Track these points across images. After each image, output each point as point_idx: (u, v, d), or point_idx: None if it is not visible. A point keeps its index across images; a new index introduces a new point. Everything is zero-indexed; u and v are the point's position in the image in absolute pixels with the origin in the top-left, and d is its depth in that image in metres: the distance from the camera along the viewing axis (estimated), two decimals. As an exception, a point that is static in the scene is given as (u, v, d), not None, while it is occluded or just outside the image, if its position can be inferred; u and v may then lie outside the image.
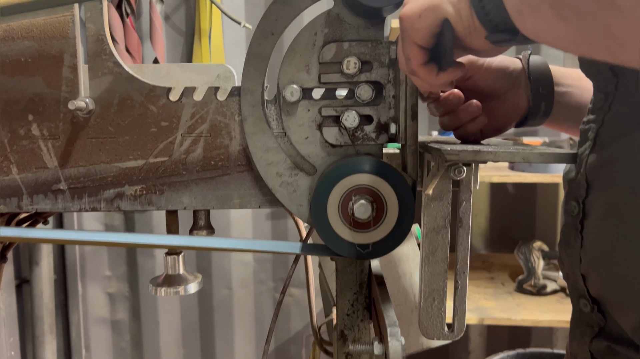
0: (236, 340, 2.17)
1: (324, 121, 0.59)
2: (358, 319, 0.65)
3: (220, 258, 2.12)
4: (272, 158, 0.59)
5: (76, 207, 0.61)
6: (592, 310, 0.58)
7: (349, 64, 0.57)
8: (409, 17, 0.49)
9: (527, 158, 0.55)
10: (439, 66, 0.50)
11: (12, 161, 0.60)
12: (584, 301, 0.59)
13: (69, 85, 0.59)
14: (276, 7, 0.57)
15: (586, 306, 0.59)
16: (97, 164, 0.60)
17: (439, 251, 0.60)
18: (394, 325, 0.52)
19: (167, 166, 0.60)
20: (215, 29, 1.94)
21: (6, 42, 0.59)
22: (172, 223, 0.74)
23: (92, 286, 2.14)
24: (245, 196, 0.61)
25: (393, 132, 0.60)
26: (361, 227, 0.56)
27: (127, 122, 0.60)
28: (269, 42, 0.57)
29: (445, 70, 0.50)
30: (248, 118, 0.58)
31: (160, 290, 0.75)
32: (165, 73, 0.79)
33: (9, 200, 0.61)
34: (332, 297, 1.11)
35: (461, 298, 0.62)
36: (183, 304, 2.15)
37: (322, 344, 0.92)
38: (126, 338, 2.19)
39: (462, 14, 0.47)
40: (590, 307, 0.58)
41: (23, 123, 0.60)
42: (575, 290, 0.60)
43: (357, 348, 0.59)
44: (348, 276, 0.64)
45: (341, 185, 0.56)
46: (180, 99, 0.60)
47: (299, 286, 2.08)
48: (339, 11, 0.57)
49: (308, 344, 2.16)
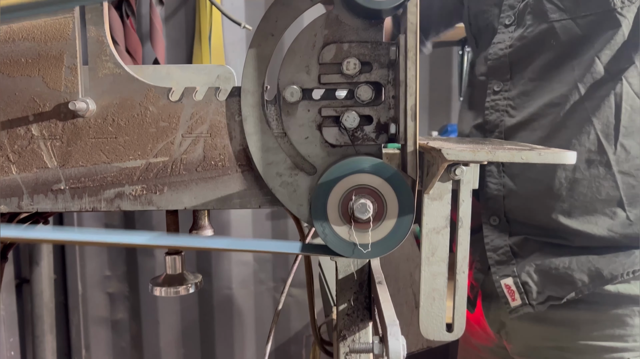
0: (236, 340, 2.17)
1: (324, 121, 0.59)
2: (358, 319, 0.65)
3: (220, 258, 2.12)
4: (272, 158, 0.59)
5: (76, 207, 0.61)
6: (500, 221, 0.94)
7: (349, 65, 0.57)
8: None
9: (527, 158, 0.55)
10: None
11: (13, 161, 0.60)
12: (494, 218, 0.94)
13: (69, 85, 0.59)
14: (276, 8, 0.57)
15: (495, 220, 0.94)
16: (97, 164, 0.60)
17: (439, 251, 0.61)
18: (394, 325, 0.52)
19: (167, 166, 0.60)
20: (215, 30, 1.94)
21: (7, 43, 0.59)
22: (172, 223, 0.74)
23: (92, 286, 2.15)
24: (245, 196, 0.61)
25: (393, 132, 0.60)
26: (361, 227, 0.56)
27: (127, 123, 0.60)
28: (269, 43, 0.57)
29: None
30: (248, 119, 0.59)
31: (160, 289, 0.75)
32: (165, 74, 0.79)
33: (10, 200, 0.61)
34: (332, 297, 1.11)
35: (461, 298, 0.62)
36: (183, 304, 2.15)
37: (322, 344, 0.92)
38: (126, 338, 2.19)
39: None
40: (499, 220, 0.94)
41: (23, 124, 0.60)
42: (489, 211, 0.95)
43: (357, 348, 0.59)
44: (348, 276, 0.65)
45: (341, 185, 0.56)
46: (180, 100, 0.60)
47: (299, 286, 2.08)
48: (339, 12, 0.57)
49: (308, 344, 2.17)
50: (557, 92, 0.88)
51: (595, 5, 0.84)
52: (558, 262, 0.90)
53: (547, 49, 0.89)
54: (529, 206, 0.91)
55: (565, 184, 0.88)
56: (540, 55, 0.90)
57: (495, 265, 0.94)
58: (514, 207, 0.93)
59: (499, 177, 0.93)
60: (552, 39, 0.88)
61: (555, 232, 0.90)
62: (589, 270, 0.88)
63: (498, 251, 0.94)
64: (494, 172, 0.93)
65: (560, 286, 0.89)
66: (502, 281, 0.93)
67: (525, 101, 0.92)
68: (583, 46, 0.87)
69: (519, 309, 0.92)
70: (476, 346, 1.11)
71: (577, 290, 0.88)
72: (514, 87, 0.93)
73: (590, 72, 0.86)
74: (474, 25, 1.03)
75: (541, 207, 0.90)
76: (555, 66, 0.89)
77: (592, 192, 0.87)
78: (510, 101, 0.93)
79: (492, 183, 0.94)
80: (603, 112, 0.86)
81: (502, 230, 0.94)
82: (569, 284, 0.89)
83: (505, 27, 0.94)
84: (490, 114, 0.95)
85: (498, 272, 0.94)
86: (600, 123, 0.86)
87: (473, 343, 1.12)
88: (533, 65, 0.91)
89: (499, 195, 0.93)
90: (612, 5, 0.84)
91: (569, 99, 0.87)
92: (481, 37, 1.01)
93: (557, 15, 0.87)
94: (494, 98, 0.95)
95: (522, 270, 0.92)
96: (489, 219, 0.95)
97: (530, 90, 0.91)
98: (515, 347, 0.98)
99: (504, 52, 0.93)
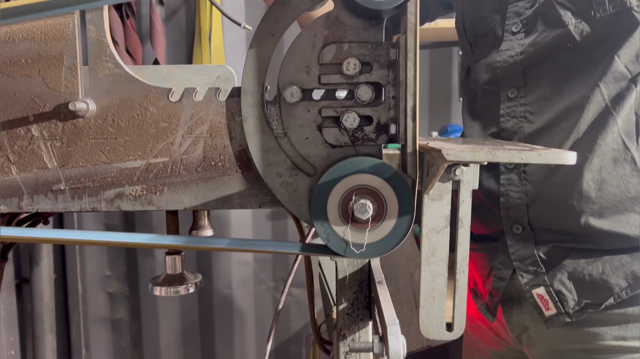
0: (236, 340, 2.17)
1: (324, 122, 0.59)
2: (358, 319, 0.65)
3: (220, 258, 2.12)
4: (272, 159, 0.59)
5: (76, 207, 0.61)
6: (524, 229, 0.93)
7: (349, 65, 0.57)
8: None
9: (527, 158, 0.55)
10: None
11: (13, 161, 0.60)
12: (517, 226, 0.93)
13: (69, 86, 0.59)
14: (276, 8, 0.57)
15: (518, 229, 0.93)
16: (97, 164, 0.60)
17: (439, 251, 0.61)
18: (394, 324, 0.52)
19: (167, 166, 0.60)
20: (215, 30, 1.94)
21: (7, 44, 0.59)
22: (172, 223, 0.74)
23: (92, 286, 2.15)
24: (245, 196, 0.61)
25: (393, 132, 0.60)
26: (361, 227, 0.56)
27: (127, 123, 0.60)
28: (269, 43, 0.57)
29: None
30: (248, 119, 0.59)
31: (160, 289, 0.75)
32: (165, 75, 0.79)
33: (10, 200, 0.61)
34: (332, 297, 1.11)
35: (461, 298, 0.62)
36: (183, 304, 2.15)
37: (322, 344, 0.92)
38: (126, 337, 2.19)
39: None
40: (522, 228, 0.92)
41: (23, 124, 0.60)
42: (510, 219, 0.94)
43: (357, 347, 0.59)
44: (348, 276, 0.65)
45: (341, 185, 0.56)
46: (181, 100, 0.60)
47: (299, 286, 2.08)
48: (339, 13, 0.57)
49: (308, 343, 2.17)
50: (578, 94, 0.88)
51: (610, 6, 0.84)
52: (591, 268, 0.89)
53: (563, 51, 0.88)
54: (556, 212, 0.90)
55: (594, 185, 0.87)
56: (556, 58, 0.89)
57: (525, 274, 0.93)
58: (538, 214, 0.91)
59: (521, 185, 0.92)
60: (568, 42, 0.87)
61: (584, 237, 0.89)
62: (625, 274, 0.87)
63: (525, 261, 0.93)
64: (514, 181, 0.92)
65: (597, 292, 0.88)
66: (534, 291, 0.92)
67: (544, 106, 0.90)
68: (601, 46, 0.86)
69: (554, 318, 0.91)
70: (484, 351, 1.10)
71: (614, 295, 0.87)
72: (529, 92, 0.92)
73: (611, 72, 0.86)
74: (469, 32, 1.02)
75: (569, 212, 0.88)
76: (573, 68, 0.88)
77: (621, 191, 0.87)
78: (528, 107, 0.92)
79: (514, 191, 0.92)
80: (624, 109, 0.87)
81: (526, 238, 0.93)
82: (605, 290, 0.88)
83: (513, 34, 0.93)
84: (507, 121, 0.93)
85: (528, 282, 0.92)
86: (622, 121, 0.87)
87: (481, 348, 1.11)
88: (549, 69, 0.90)
89: (522, 204, 0.92)
90: (628, 4, 0.83)
91: (590, 100, 0.87)
92: (478, 44, 1.00)
93: (572, 19, 0.86)
94: (510, 105, 0.93)
95: (553, 279, 0.90)
96: (512, 228, 0.93)
97: (548, 94, 0.90)
98: (537, 351, 0.96)
99: (515, 58, 0.92)
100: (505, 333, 1.03)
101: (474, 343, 1.13)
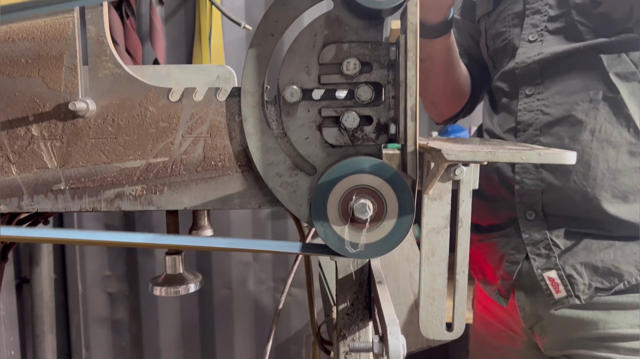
0: (236, 340, 2.17)
1: (324, 122, 0.59)
2: (358, 319, 0.65)
3: (220, 258, 2.12)
4: (272, 159, 0.59)
5: (76, 207, 0.61)
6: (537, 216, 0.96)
7: (349, 65, 0.57)
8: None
9: (527, 158, 0.55)
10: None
11: (13, 161, 0.60)
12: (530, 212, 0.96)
13: (69, 86, 0.59)
14: (276, 8, 0.57)
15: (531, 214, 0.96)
16: (97, 164, 0.60)
17: (439, 251, 0.61)
18: (394, 324, 0.52)
19: (167, 166, 0.60)
20: (215, 30, 1.94)
21: (7, 43, 0.59)
22: (172, 223, 0.74)
23: (92, 286, 2.15)
24: (245, 196, 0.61)
25: (393, 132, 0.60)
26: (361, 227, 0.56)
27: (127, 123, 0.60)
28: (269, 43, 0.57)
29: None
30: (248, 119, 0.59)
31: (160, 289, 0.75)
32: (165, 74, 0.79)
33: (10, 200, 0.61)
34: (332, 297, 1.11)
35: (461, 298, 0.62)
36: (183, 304, 2.16)
37: (322, 344, 0.92)
38: (126, 337, 2.19)
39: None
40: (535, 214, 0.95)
41: (23, 124, 0.60)
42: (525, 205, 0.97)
43: (357, 347, 0.59)
44: (348, 276, 0.65)
45: (341, 185, 0.56)
46: (180, 100, 0.60)
47: (299, 286, 2.08)
48: (339, 13, 0.57)
49: (308, 343, 2.17)
50: (591, 86, 0.92)
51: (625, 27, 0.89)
52: (603, 254, 0.92)
53: (580, 52, 0.93)
54: (570, 198, 0.93)
55: (609, 175, 0.90)
56: (572, 57, 0.93)
57: (537, 258, 0.96)
58: (553, 200, 0.95)
59: (536, 173, 0.95)
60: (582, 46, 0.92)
61: (597, 224, 0.92)
62: (635, 262, 0.90)
63: (538, 244, 0.96)
64: (529, 168, 0.96)
65: (607, 278, 0.91)
66: (545, 274, 0.94)
67: (558, 98, 0.94)
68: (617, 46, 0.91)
69: (563, 301, 0.93)
70: (497, 346, 1.11)
71: (624, 281, 0.90)
72: (546, 89, 0.96)
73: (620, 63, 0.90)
74: (491, 47, 1.07)
75: (583, 199, 0.92)
76: (586, 61, 0.93)
77: (634, 183, 0.91)
78: (544, 101, 0.96)
79: (529, 179, 0.96)
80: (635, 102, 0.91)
81: (539, 224, 0.96)
82: (616, 276, 0.91)
83: (530, 42, 0.98)
84: (523, 115, 0.97)
85: (540, 266, 0.95)
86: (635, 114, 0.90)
87: (493, 344, 1.12)
88: (565, 66, 0.94)
89: (536, 190, 0.95)
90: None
91: (606, 94, 0.91)
92: (497, 57, 1.06)
93: (591, 37, 0.92)
94: (527, 101, 0.98)
95: (565, 263, 0.93)
96: (525, 214, 0.97)
97: (562, 88, 0.94)
98: (550, 341, 0.98)
99: (533, 59, 0.96)
100: (517, 326, 1.04)
101: (485, 339, 1.14)
